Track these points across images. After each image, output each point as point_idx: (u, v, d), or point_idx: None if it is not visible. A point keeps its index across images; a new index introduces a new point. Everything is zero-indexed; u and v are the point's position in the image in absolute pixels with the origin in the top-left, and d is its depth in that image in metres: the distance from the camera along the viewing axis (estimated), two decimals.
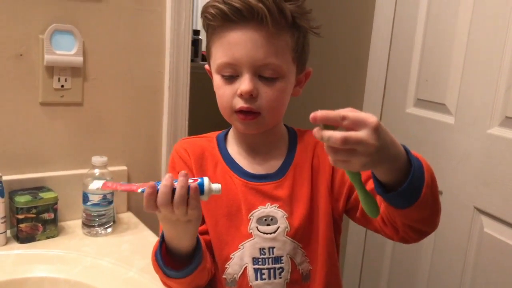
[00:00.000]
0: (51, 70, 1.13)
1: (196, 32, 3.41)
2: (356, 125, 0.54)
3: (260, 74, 0.75)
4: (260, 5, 0.71)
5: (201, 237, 0.77)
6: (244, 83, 0.74)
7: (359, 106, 1.73)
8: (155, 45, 1.27)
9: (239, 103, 0.75)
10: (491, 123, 1.23)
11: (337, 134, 0.53)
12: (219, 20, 0.74)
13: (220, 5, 0.73)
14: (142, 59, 1.26)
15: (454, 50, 1.34)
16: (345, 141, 0.53)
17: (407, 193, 0.61)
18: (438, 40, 1.40)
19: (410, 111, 1.52)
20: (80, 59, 1.15)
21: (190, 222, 0.69)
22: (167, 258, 0.74)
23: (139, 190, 0.66)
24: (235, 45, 0.73)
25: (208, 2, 0.76)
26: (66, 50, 1.13)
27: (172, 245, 0.73)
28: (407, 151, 0.61)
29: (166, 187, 0.65)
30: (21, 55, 1.10)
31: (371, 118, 0.55)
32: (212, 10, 0.74)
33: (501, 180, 1.20)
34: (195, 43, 3.33)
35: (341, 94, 1.88)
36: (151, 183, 0.66)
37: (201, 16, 0.78)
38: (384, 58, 1.61)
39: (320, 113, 0.54)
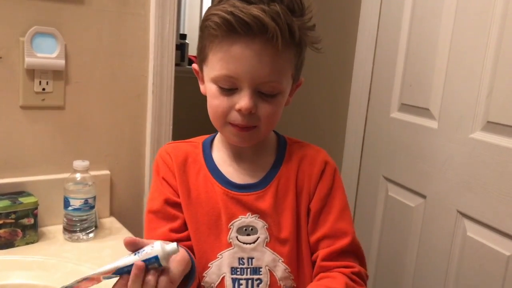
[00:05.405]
0: (32, 73, 1.11)
1: (182, 36, 3.40)
2: None
3: (259, 90, 0.72)
4: (273, 24, 0.66)
5: (184, 244, 0.76)
6: (245, 100, 0.70)
7: (344, 111, 1.74)
8: (139, 49, 1.26)
9: (237, 119, 0.73)
10: (473, 128, 1.24)
11: None
12: (223, 31, 0.68)
13: (226, 15, 0.67)
14: (125, 62, 1.24)
15: (437, 55, 1.35)
16: None
17: None
18: (422, 46, 1.41)
19: (395, 115, 1.53)
20: (62, 62, 1.13)
21: None
22: None
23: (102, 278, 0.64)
24: (239, 59, 0.69)
25: (211, 9, 0.71)
26: (47, 53, 1.11)
27: None
28: None
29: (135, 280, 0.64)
30: (0, 57, 1.08)
31: None
32: (216, 19, 0.68)
33: (484, 184, 1.21)
34: (182, 47, 3.32)
35: (326, 99, 1.89)
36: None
37: (202, 23, 0.73)
38: (369, 63, 1.62)
39: None
